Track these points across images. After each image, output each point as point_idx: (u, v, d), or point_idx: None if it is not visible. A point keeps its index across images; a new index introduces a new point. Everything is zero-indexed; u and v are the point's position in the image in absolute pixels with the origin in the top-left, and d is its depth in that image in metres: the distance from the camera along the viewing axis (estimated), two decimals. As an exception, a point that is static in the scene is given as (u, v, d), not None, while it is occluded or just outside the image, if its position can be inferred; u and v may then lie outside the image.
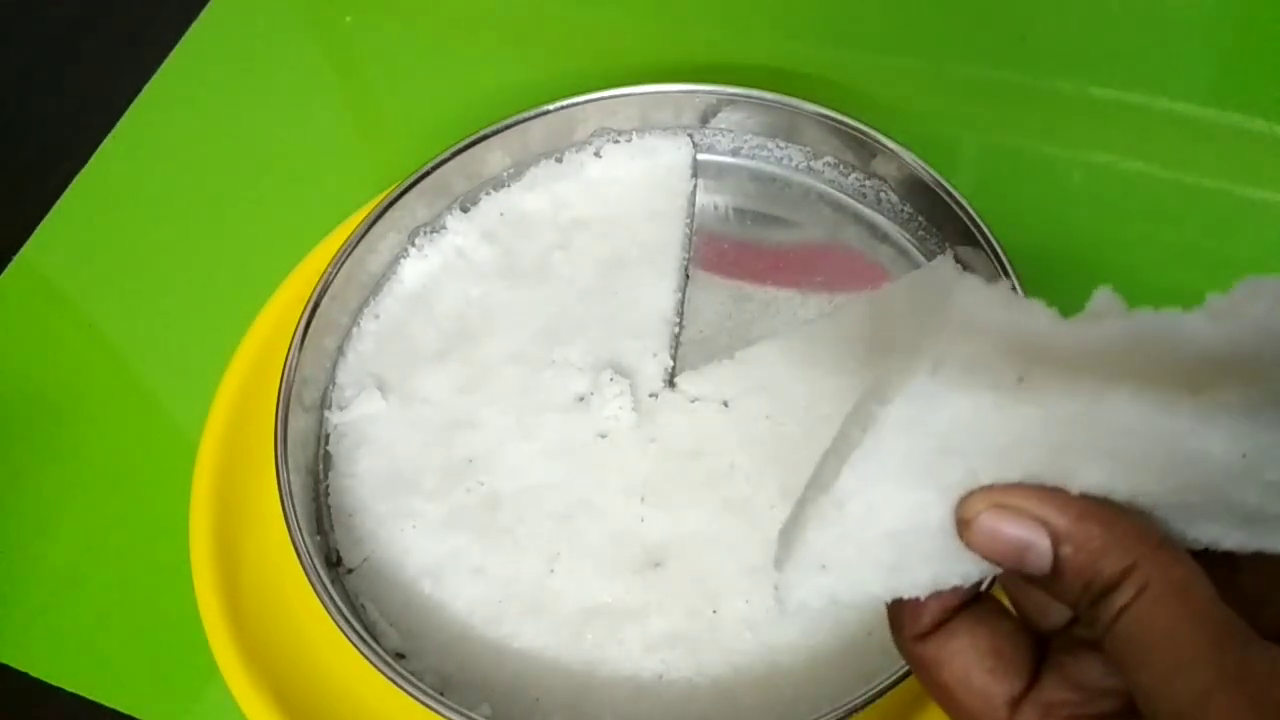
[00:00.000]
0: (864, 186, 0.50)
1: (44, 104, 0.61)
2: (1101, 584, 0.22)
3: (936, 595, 0.25)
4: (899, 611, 0.26)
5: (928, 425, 0.23)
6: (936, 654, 0.26)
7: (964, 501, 0.24)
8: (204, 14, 0.63)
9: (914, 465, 0.23)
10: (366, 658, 0.38)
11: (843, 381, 0.44)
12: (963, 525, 0.24)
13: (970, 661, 0.25)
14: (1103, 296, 0.22)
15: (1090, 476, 0.23)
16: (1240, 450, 0.22)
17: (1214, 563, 0.23)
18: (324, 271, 0.45)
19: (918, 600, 0.25)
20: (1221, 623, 0.21)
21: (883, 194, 0.49)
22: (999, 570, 0.24)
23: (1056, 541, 0.23)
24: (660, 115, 0.51)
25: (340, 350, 0.47)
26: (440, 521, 0.43)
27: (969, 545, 0.24)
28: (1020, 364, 0.22)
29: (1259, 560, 0.24)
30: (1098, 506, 0.23)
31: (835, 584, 0.25)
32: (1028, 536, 0.23)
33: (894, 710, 0.38)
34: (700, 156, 0.52)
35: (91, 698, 0.43)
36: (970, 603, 0.26)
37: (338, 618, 0.38)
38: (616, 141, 0.51)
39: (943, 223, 0.47)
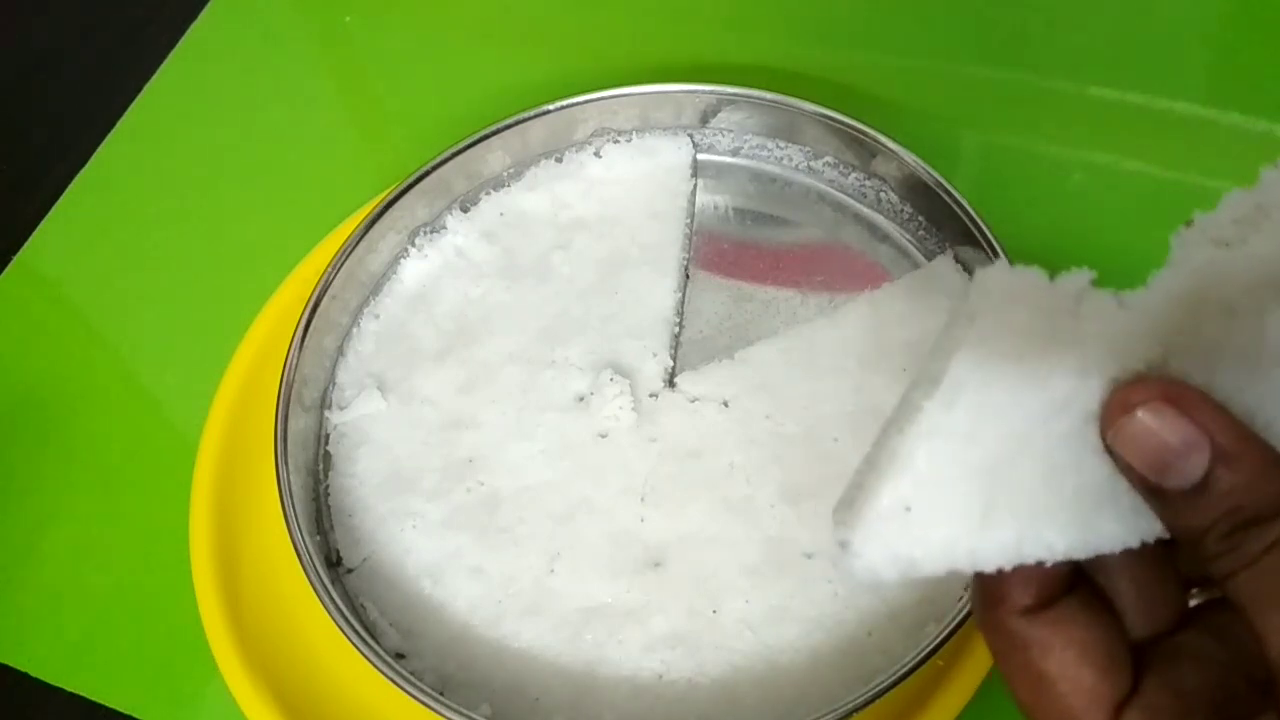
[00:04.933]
0: (864, 186, 0.50)
1: (44, 104, 0.61)
2: (1252, 513, 0.20)
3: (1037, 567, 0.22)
4: (1005, 576, 0.23)
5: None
6: (1046, 636, 0.23)
7: (1126, 387, 0.21)
8: (204, 14, 0.63)
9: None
10: (366, 658, 0.38)
11: (843, 381, 0.44)
12: (1118, 410, 0.21)
13: (1084, 652, 0.23)
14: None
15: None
16: None
17: None
18: (324, 271, 0.45)
19: (1032, 565, 0.22)
20: None
21: (883, 194, 0.49)
22: (1128, 540, 0.22)
23: (1217, 458, 0.21)
24: (660, 115, 0.51)
25: (340, 350, 0.47)
26: (440, 521, 0.43)
27: (1115, 439, 0.21)
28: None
29: None
30: (1257, 435, 0.21)
31: (920, 537, 0.22)
32: (1188, 443, 0.21)
33: (894, 710, 0.38)
34: (700, 156, 0.52)
35: (91, 698, 0.43)
36: (1074, 588, 0.24)
37: (338, 618, 0.38)
38: (616, 141, 0.51)
39: (943, 223, 0.47)
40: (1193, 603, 0.25)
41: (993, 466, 0.22)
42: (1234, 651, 0.23)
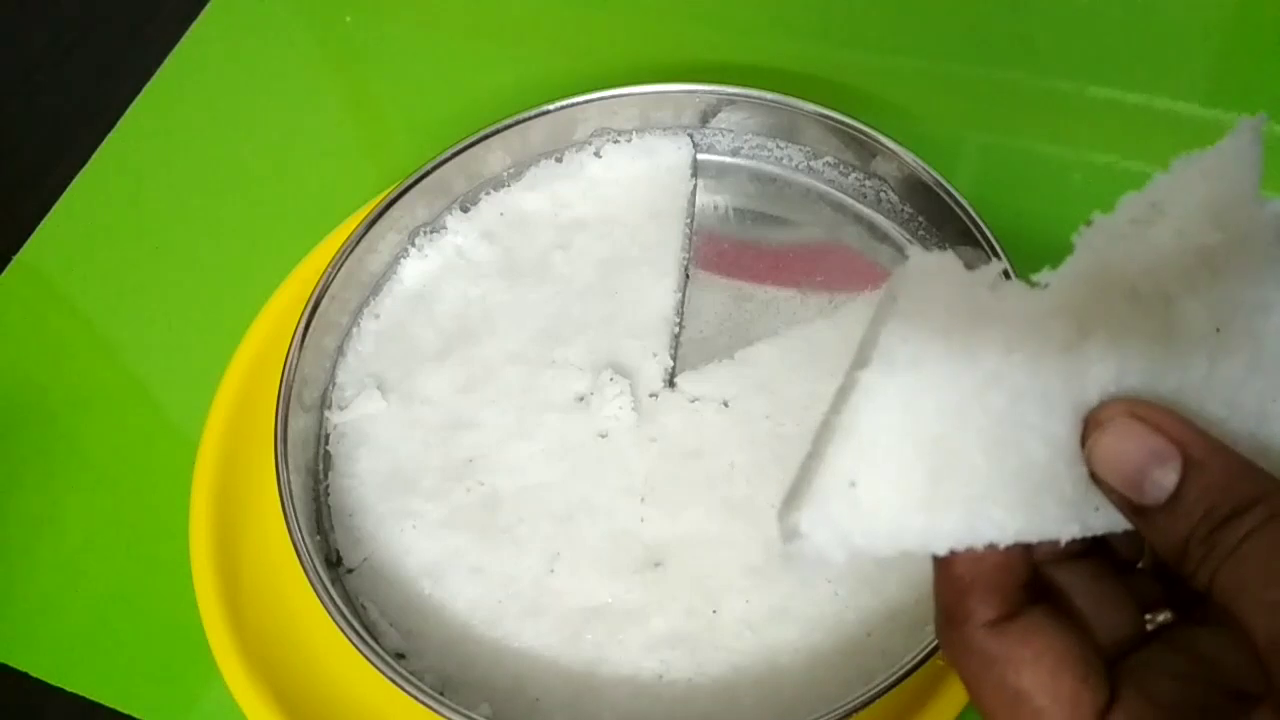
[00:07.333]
0: (864, 186, 0.50)
1: (44, 104, 0.61)
2: (1229, 509, 0.21)
3: (996, 555, 0.22)
4: (965, 590, 0.23)
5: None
6: (1016, 649, 0.23)
7: (1096, 408, 0.22)
8: (204, 14, 0.63)
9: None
10: (366, 658, 0.38)
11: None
12: (1093, 427, 0.22)
13: (1060, 660, 0.22)
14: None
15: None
16: (1214, 325, 0.23)
17: None
18: (324, 271, 0.45)
19: (988, 568, 0.22)
20: None
21: (883, 194, 0.49)
22: (1083, 526, 0.23)
23: (1189, 467, 0.22)
24: (660, 115, 0.51)
25: (340, 350, 0.47)
26: (440, 521, 0.43)
27: (1092, 461, 0.22)
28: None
29: None
30: (1223, 443, 0.22)
31: (867, 513, 0.21)
32: (1158, 454, 0.22)
33: (893, 710, 0.38)
34: (700, 156, 0.52)
35: (91, 698, 0.43)
36: (1036, 602, 0.23)
37: (338, 618, 0.38)
38: (616, 141, 0.51)
39: (943, 223, 0.47)
40: (1150, 627, 0.25)
41: (933, 439, 0.22)
42: (1206, 666, 0.23)
